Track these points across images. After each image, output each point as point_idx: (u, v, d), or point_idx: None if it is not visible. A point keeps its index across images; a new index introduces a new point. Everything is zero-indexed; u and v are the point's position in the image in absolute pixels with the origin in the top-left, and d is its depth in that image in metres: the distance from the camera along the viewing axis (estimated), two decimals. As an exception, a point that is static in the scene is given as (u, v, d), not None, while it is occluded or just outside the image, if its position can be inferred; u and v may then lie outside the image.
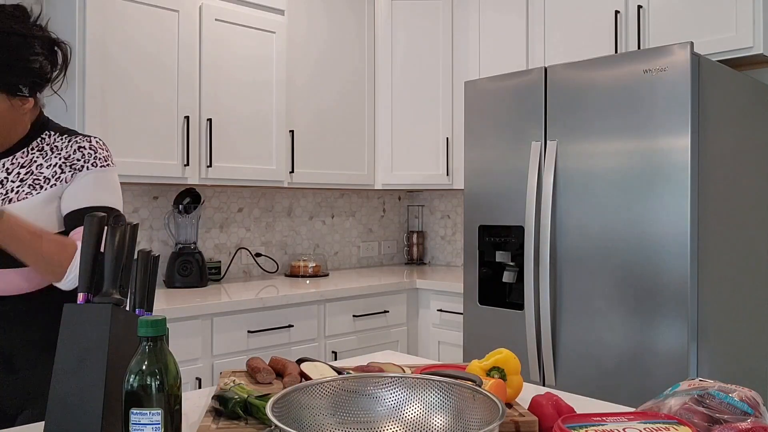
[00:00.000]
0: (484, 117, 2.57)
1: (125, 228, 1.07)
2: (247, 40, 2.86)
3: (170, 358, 0.84)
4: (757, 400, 0.95)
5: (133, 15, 2.52)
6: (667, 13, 2.53)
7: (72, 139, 1.39)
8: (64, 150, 1.38)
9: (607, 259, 2.17)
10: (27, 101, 1.35)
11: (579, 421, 0.90)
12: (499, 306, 2.50)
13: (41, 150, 1.39)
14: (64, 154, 1.37)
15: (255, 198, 3.32)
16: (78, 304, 1.01)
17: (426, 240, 3.98)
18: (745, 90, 2.31)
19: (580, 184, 2.24)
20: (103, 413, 0.95)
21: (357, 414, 0.91)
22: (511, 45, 3.08)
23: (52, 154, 1.38)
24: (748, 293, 2.33)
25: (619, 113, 2.15)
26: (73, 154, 1.37)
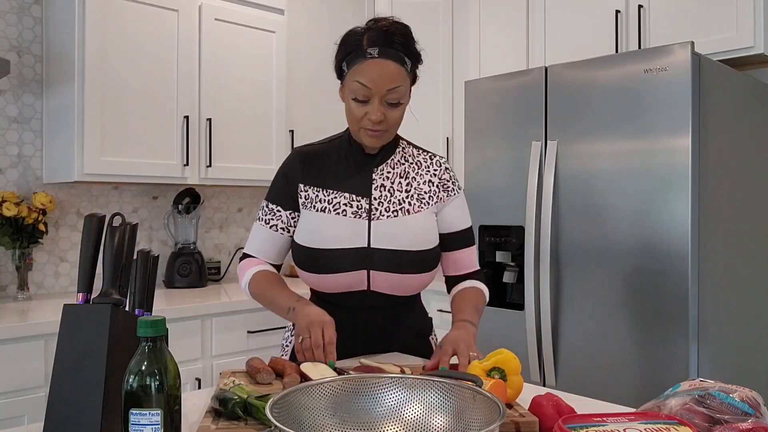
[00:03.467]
0: (484, 117, 2.57)
1: (125, 228, 1.07)
2: (246, 40, 2.86)
3: (170, 359, 0.84)
4: (758, 400, 0.95)
5: (132, 15, 2.52)
6: (667, 13, 2.53)
7: (434, 159, 1.48)
8: (431, 167, 1.47)
9: (607, 259, 2.17)
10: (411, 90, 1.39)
11: (579, 421, 0.90)
12: (499, 306, 2.50)
13: (408, 162, 1.47)
14: (432, 171, 1.47)
15: (255, 198, 3.32)
16: (77, 304, 1.01)
17: (426, 240, 3.98)
18: (746, 90, 2.31)
19: (581, 184, 2.24)
20: (103, 413, 0.94)
21: (357, 414, 0.91)
22: (511, 45, 3.08)
23: (419, 169, 1.46)
24: (749, 294, 2.33)
25: (619, 113, 2.14)
26: (443, 174, 1.47)
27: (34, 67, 2.64)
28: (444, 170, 1.47)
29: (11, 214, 2.40)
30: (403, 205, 1.41)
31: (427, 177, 1.45)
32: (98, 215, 1.09)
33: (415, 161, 1.47)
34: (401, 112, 1.37)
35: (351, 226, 1.39)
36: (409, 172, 1.45)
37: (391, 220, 1.40)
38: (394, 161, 1.45)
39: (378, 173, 1.44)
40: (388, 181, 1.43)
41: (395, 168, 1.45)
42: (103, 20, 2.44)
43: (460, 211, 1.48)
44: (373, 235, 1.39)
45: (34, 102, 2.63)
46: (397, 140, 1.48)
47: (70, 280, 2.72)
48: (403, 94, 1.35)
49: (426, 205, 1.43)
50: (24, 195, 2.59)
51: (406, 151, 1.48)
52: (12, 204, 2.41)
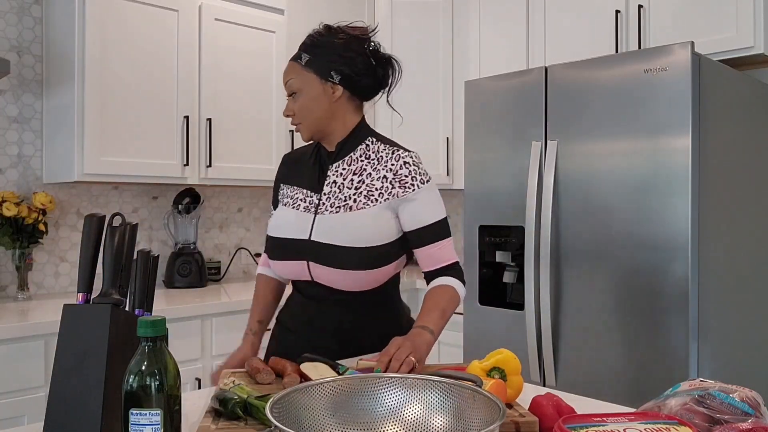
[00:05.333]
0: (484, 117, 2.57)
1: (125, 228, 1.07)
2: (246, 40, 2.86)
3: (170, 359, 0.84)
4: (758, 400, 0.95)
5: (132, 14, 2.52)
6: (667, 13, 2.53)
7: (395, 154, 1.46)
8: (389, 163, 1.45)
9: (607, 259, 2.17)
10: (336, 89, 1.45)
11: (579, 421, 0.90)
12: (499, 306, 2.50)
13: (368, 158, 1.48)
14: (390, 166, 1.45)
15: (255, 198, 3.32)
16: (77, 305, 1.01)
17: (426, 240, 3.97)
18: (746, 90, 2.31)
19: (581, 184, 2.24)
20: (103, 413, 0.94)
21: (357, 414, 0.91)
22: (511, 45, 3.08)
23: (379, 164, 1.46)
24: (749, 294, 2.33)
25: (619, 113, 2.14)
26: (399, 169, 1.44)
27: (34, 67, 2.64)
28: (401, 165, 1.44)
29: (11, 214, 2.40)
30: (348, 202, 1.44)
31: (383, 173, 1.45)
32: (98, 215, 1.09)
33: (377, 157, 1.48)
34: (301, 102, 1.46)
35: (299, 219, 1.47)
36: (366, 168, 1.47)
37: (333, 216, 1.44)
38: (353, 158, 1.49)
39: (333, 170, 1.49)
40: (341, 177, 1.48)
41: (352, 165, 1.48)
42: (103, 20, 2.44)
43: (425, 206, 1.45)
44: (315, 228, 1.45)
45: (34, 102, 2.63)
46: (364, 137, 1.50)
47: (70, 280, 2.72)
48: (298, 84, 1.46)
49: (374, 202, 1.43)
50: (24, 195, 2.59)
51: (371, 148, 1.49)
52: (12, 204, 2.41)
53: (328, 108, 1.46)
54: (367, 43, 1.48)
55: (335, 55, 1.44)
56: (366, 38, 1.48)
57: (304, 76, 1.46)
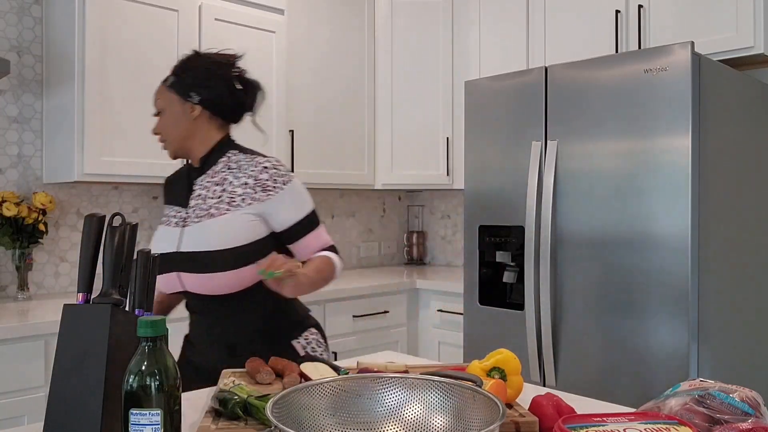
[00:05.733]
0: (484, 117, 2.57)
1: (125, 228, 1.07)
2: (246, 40, 2.86)
3: (170, 359, 0.84)
4: (758, 400, 0.95)
5: (132, 14, 2.52)
6: (667, 13, 2.53)
7: (255, 160, 1.54)
8: (249, 169, 1.53)
9: (607, 259, 2.17)
10: (195, 108, 1.56)
11: (579, 421, 0.90)
12: (499, 306, 2.50)
13: (230, 168, 1.56)
14: (250, 173, 1.52)
15: (255, 198, 3.32)
16: (77, 305, 1.01)
17: (426, 240, 3.98)
18: (746, 90, 2.31)
19: (581, 184, 2.24)
20: (103, 413, 0.94)
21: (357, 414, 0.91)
22: (511, 45, 3.08)
23: (240, 172, 1.54)
24: (749, 293, 2.33)
25: (619, 113, 2.15)
26: (259, 174, 1.51)
27: (34, 67, 2.64)
28: (261, 170, 1.52)
29: (11, 214, 2.40)
30: (210, 210, 1.52)
31: (244, 179, 1.52)
32: (98, 215, 1.09)
33: (238, 166, 1.55)
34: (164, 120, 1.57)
35: (169, 233, 1.56)
36: (227, 177, 1.55)
37: (196, 225, 1.52)
38: (215, 170, 1.57)
39: (198, 184, 1.58)
40: (205, 189, 1.56)
41: (214, 177, 1.56)
42: (103, 20, 2.44)
43: (290, 205, 1.52)
44: (181, 240, 1.53)
45: (34, 102, 2.63)
46: (225, 150, 1.59)
47: (70, 280, 2.72)
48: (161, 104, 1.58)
49: (236, 207, 1.50)
50: (24, 195, 2.59)
51: (232, 159, 1.58)
52: (12, 204, 2.41)
53: (188, 126, 1.56)
54: (233, 69, 1.60)
55: (197, 78, 1.56)
56: (230, 64, 1.59)
57: (167, 97, 1.57)
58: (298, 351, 1.59)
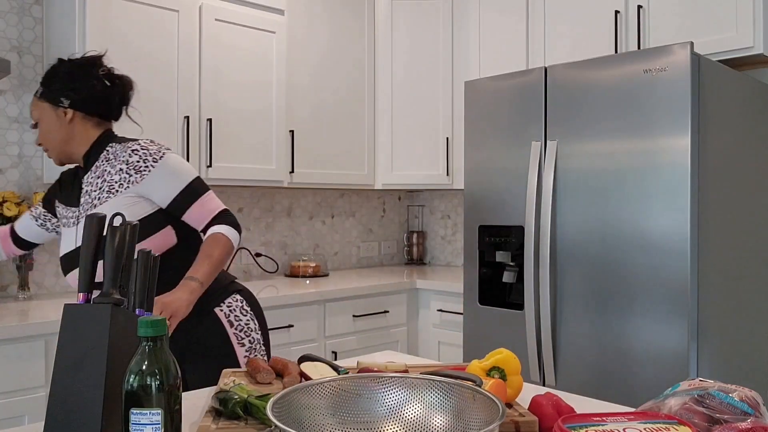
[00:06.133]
0: (484, 117, 2.57)
1: (125, 228, 1.07)
2: (247, 40, 2.86)
3: (170, 358, 0.84)
4: (757, 400, 0.95)
5: (132, 15, 2.52)
6: (667, 13, 2.53)
7: (125, 145, 1.60)
8: (121, 156, 1.58)
9: (607, 259, 2.17)
10: (67, 112, 1.61)
11: (579, 421, 0.90)
12: (499, 306, 2.50)
13: (108, 160, 1.61)
14: (123, 159, 1.58)
15: (255, 198, 3.32)
16: (78, 304, 1.01)
17: (426, 240, 3.98)
18: (746, 90, 2.31)
19: (580, 184, 2.24)
20: (103, 413, 0.95)
21: (357, 414, 0.91)
22: (511, 45, 3.08)
23: (115, 161, 1.59)
24: (749, 293, 2.33)
25: (619, 113, 2.15)
26: (129, 158, 1.57)
27: (35, 67, 2.64)
28: (130, 154, 1.57)
29: (12, 214, 2.40)
30: (94, 202, 1.58)
31: (119, 166, 1.58)
32: (99, 215, 1.09)
33: (114, 156, 1.60)
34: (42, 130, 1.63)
35: (69, 234, 1.62)
36: (106, 169, 1.60)
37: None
38: (97, 165, 1.62)
39: (86, 182, 1.63)
40: (91, 186, 1.61)
41: (96, 171, 1.61)
42: (103, 20, 2.44)
43: (166, 179, 1.57)
44: (78, 237, 1.59)
45: (35, 102, 2.63)
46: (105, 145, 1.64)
47: (70, 280, 2.72)
48: (35, 117, 1.64)
49: (115, 193, 1.56)
50: (25, 195, 2.59)
51: (110, 151, 1.62)
52: (13, 204, 2.41)
53: (65, 131, 1.62)
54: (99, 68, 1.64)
55: (64, 83, 1.61)
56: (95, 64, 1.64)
57: (41, 107, 1.63)
58: (221, 319, 1.64)
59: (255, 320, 1.73)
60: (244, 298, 1.73)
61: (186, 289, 1.46)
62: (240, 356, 1.67)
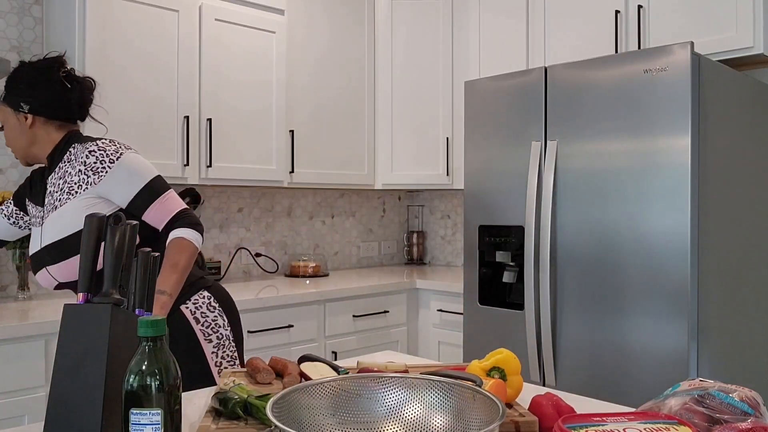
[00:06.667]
0: (484, 117, 2.57)
1: (125, 228, 1.07)
2: (247, 40, 2.86)
3: (170, 358, 0.84)
4: (758, 400, 0.95)
5: (132, 15, 2.52)
6: (667, 13, 2.53)
7: (84, 146, 1.58)
8: (80, 157, 1.58)
9: (607, 259, 2.17)
10: (27, 117, 1.61)
11: (579, 421, 0.90)
12: (499, 306, 2.50)
13: (69, 161, 1.60)
14: (81, 160, 1.57)
15: (255, 198, 3.32)
16: (78, 304, 1.01)
17: (426, 240, 3.98)
18: (746, 90, 2.31)
19: (581, 184, 2.24)
20: (103, 413, 0.94)
21: (357, 414, 0.91)
22: (511, 45, 3.08)
23: (75, 162, 1.58)
24: (749, 293, 2.33)
25: (619, 113, 2.15)
26: (86, 159, 1.56)
27: (35, 67, 2.64)
28: (87, 155, 1.56)
29: (11, 214, 2.39)
30: (55, 203, 1.59)
31: (78, 167, 1.58)
32: (98, 215, 1.09)
33: (75, 156, 1.60)
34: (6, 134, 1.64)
35: (35, 234, 1.64)
36: (67, 170, 1.60)
37: (47, 220, 1.59)
38: (60, 167, 1.62)
39: (50, 183, 1.63)
40: (54, 186, 1.61)
41: (59, 172, 1.62)
42: (103, 20, 2.44)
43: (123, 179, 1.56)
44: (42, 237, 1.60)
45: (35, 102, 2.63)
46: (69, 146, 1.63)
47: (70, 280, 2.72)
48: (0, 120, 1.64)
49: (74, 195, 1.56)
50: (24, 195, 2.59)
51: (72, 153, 1.61)
52: (12, 204, 2.41)
53: (27, 135, 1.62)
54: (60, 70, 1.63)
55: (21, 87, 1.61)
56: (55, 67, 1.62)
57: (3, 111, 1.64)
58: (186, 316, 1.63)
59: (223, 316, 1.70)
60: (212, 294, 1.70)
61: (157, 305, 1.47)
62: (207, 353, 1.64)
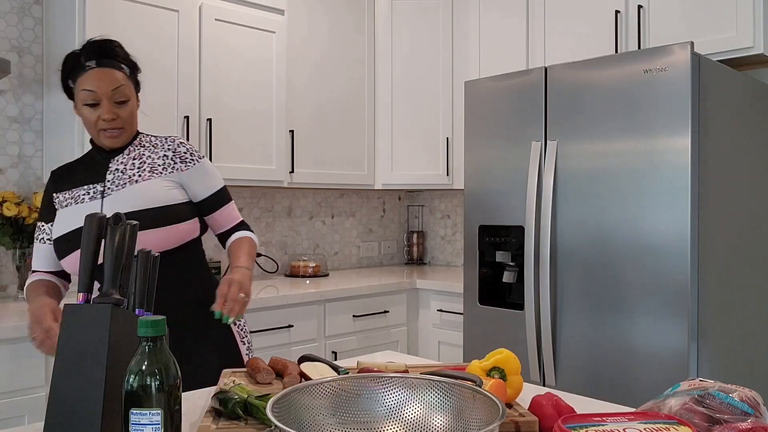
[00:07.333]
0: (484, 117, 2.57)
1: (125, 228, 1.07)
2: (247, 40, 2.86)
3: (170, 358, 0.84)
4: (758, 400, 0.95)
5: (132, 15, 2.52)
6: (667, 13, 2.53)
7: (169, 138, 1.65)
8: (166, 145, 1.63)
9: (607, 259, 2.17)
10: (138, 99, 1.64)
11: (579, 421, 0.90)
12: (499, 306, 2.50)
13: (143, 146, 1.63)
14: (167, 147, 1.63)
15: (255, 198, 3.32)
16: (78, 304, 1.01)
17: (426, 240, 3.98)
18: (746, 90, 2.31)
19: (580, 184, 2.24)
20: (103, 413, 0.94)
21: (357, 414, 0.91)
22: (511, 45, 3.08)
23: (156, 149, 1.63)
24: (749, 293, 2.33)
25: (619, 113, 2.15)
26: (177, 147, 1.63)
27: (35, 67, 2.64)
28: (178, 144, 1.64)
29: (12, 214, 2.40)
30: (133, 178, 1.58)
31: (162, 153, 1.62)
32: (98, 215, 1.09)
33: (151, 144, 1.64)
34: (130, 109, 1.59)
35: (86, 208, 1.56)
36: (143, 153, 1.62)
37: (121, 191, 1.56)
38: (130, 149, 1.62)
39: (114, 162, 1.61)
40: (124, 165, 1.60)
41: (130, 154, 1.62)
42: (103, 20, 2.44)
43: (209, 175, 1.66)
44: (105, 207, 1.55)
45: (35, 102, 2.63)
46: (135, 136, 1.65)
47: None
48: (128, 93, 1.57)
49: (158, 174, 1.59)
50: (24, 195, 2.59)
51: (144, 141, 1.65)
52: (12, 204, 2.41)
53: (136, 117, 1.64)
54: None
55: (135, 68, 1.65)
56: None
57: (130, 87, 1.60)
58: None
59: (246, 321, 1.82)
60: None
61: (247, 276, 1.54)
62: (243, 354, 1.72)
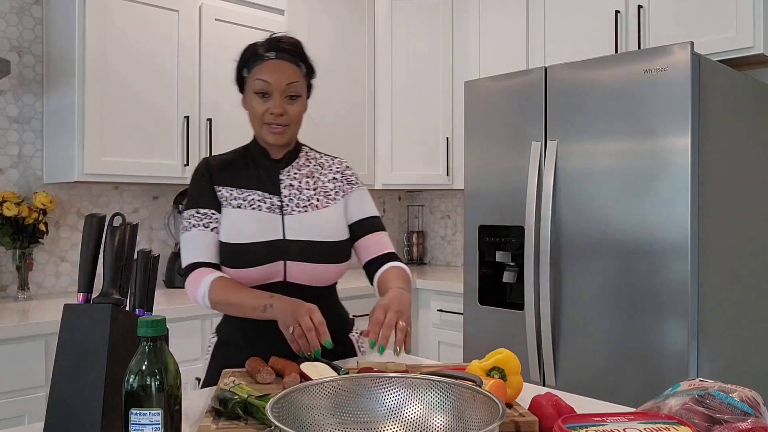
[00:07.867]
0: (484, 117, 2.57)
1: (125, 228, 1.07)
2: (246, 40, 2.85)
3: (170, 358, 0.84)
4: (758, 400, 0.95)
5: (132, 15, 2.52)
6: (667, 13, 2.53)
7: (336, 159, 1.62)
8: (333, 166, 1.60)
9: (607, 259, 2.17)
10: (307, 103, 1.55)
11: (579, 421, 0.90)
12: (499, 306, 2.50)
13: (310, 162, 1.59)
14: (335, 169, 1.59)
15: (255, 198, 3.32)
16: (78, 304, 1.01)
17: (426, 240, 3.98)
18: (746, 90, 2.31)
19: (581, 184, 2.24)
20: (103, 413, 0.95)
21: (357, 414, 0.91)
22: (511, 45, 3.08)
23: (323, 169, 1.58)
24: (749, 293, 2.33)
25: (619, 113, 2.15)
26: (345, 170, 1.60)
27: (35, 67, 2.64)
28: (345, 167, 1.61)
29: (12, 214, 2.40)
30: (312, 201, 1.52)
31: (331, 175, 1.58)
32: (98, 215, 1.09)
33: (318, 163, 1.59)
34: (300, 107, 1.51)
35: (266, 220, 1.48)
36: (313, 172, 1.57)
37: (303, 215, 1.50)
38: (300, 164, 1.57)
39: (285, 174, 1.54)
40: (296, 180, 1.54)
41: (302, 170, 1.56)
42: (103, 20, 2.44)
43: (365, 201, 1.59)
44: (287, 228, 1.48)
45: (35, 102, 2.63)
46: (300, 147, 1.60)
47: (70, 280, 2.72)
48: (301, 90, 1.50)
49: (333, 201, 1.55)
50: (24, 195, 2.59)
51: (309, 155, 1.60)
52: (12, 204, 2.41)
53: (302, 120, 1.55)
54: None
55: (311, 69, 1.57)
56: None
57: (303, 86, 1.53)
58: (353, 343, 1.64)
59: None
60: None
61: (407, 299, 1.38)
62: None
